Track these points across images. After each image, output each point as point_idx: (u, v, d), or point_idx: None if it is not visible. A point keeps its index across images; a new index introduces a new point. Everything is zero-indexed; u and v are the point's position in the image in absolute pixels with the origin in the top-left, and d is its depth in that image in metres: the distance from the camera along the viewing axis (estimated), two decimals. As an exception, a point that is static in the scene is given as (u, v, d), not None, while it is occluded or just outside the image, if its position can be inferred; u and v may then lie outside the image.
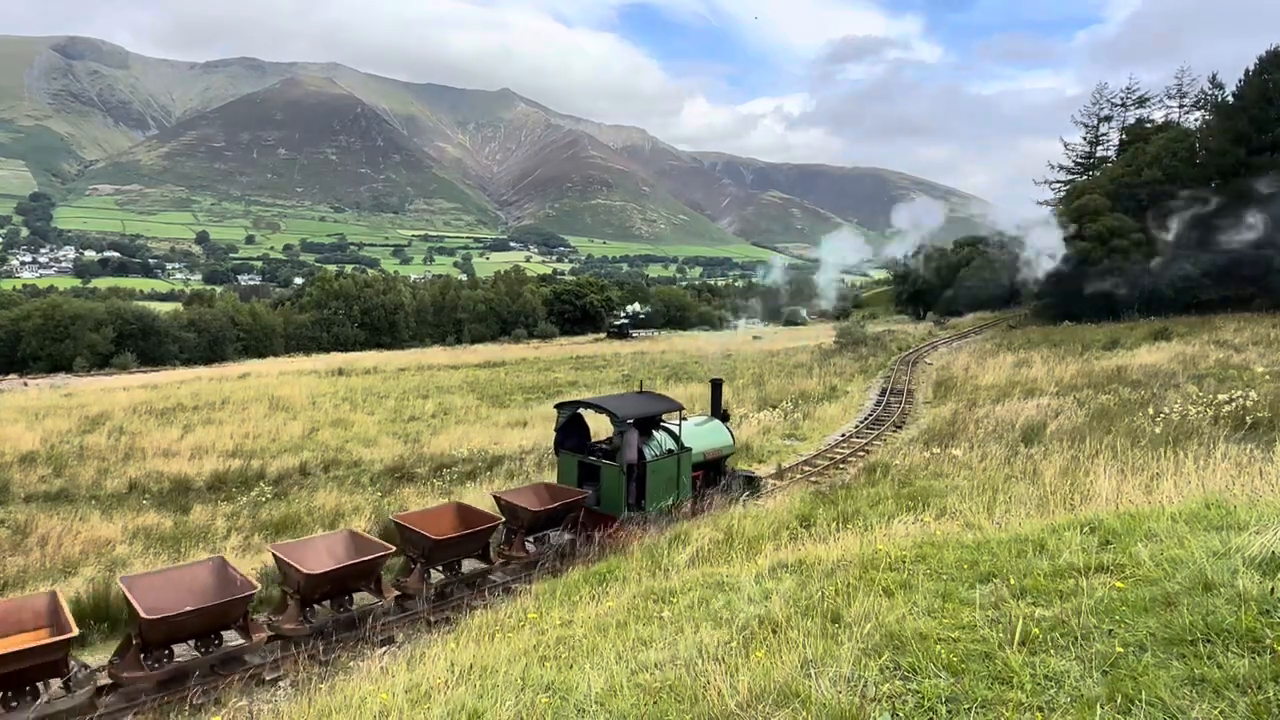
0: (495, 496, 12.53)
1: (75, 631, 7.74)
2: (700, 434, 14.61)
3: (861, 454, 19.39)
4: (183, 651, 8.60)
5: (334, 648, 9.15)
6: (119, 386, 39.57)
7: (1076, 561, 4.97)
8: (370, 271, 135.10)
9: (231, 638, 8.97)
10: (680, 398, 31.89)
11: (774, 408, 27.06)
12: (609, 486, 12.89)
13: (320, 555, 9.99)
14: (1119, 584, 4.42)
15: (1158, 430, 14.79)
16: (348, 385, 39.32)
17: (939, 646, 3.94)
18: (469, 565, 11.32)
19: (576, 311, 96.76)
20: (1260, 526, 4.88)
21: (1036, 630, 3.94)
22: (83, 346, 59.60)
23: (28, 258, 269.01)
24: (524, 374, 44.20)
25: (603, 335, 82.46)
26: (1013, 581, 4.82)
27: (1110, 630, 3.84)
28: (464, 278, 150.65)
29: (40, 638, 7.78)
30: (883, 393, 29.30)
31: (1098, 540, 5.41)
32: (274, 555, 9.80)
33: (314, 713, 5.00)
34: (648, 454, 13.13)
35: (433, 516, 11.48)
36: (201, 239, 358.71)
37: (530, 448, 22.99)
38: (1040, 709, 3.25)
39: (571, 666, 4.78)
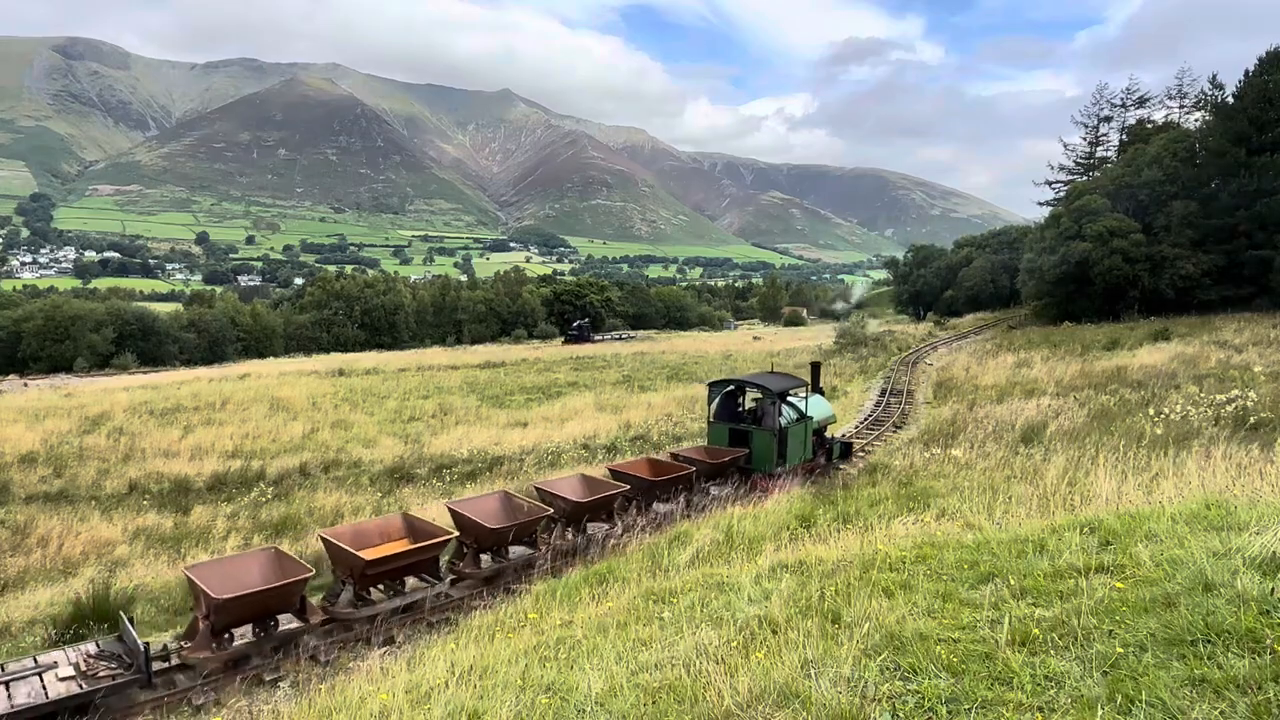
0: (673, 454, 14.89)
1: (453, 534, 10.07)
2: (813, 406, 16.77)
3: (861, 454, 19.37)
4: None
5: (332, 649, 9.15)
6: (119, 387, 39.56)
7: (1077, 562, 4.97)
8: (370, 272, 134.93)
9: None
10: (682, 399, 31.99)
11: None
12: (761, 448, 15.24)
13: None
14: (1119, 584, 4.42)
15: (1159, 431, 14.80)
16: (348, 386, 39.32)
17: (939, 647, 3.94)
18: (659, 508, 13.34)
19: (576, 312, 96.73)
20: (1260, 527, 4.88)
21: (1037, 631, 3.94)
22: (83, 347, 59.58)
23: (28, 258, 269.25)
24: (524, 374, 44.21)
25: (558, 340, 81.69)
26: (1013, 582, 4.81)
27: (1110, 631, 3.83)
28: (464, 278, 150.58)
29: (404, 545, 9.87)
30: (883, 393, 29.26)
31: (1098, 541, 5.41)
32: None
33: (314, 713, 4.99)
34: (782, 422, 15.33)
35: (635, 466, 14.07)
36: (201, 239, 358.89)
37: (530, 448, 22.94)
38: (1040, 709, 3.25)
39: (571, 667, 4.78)
